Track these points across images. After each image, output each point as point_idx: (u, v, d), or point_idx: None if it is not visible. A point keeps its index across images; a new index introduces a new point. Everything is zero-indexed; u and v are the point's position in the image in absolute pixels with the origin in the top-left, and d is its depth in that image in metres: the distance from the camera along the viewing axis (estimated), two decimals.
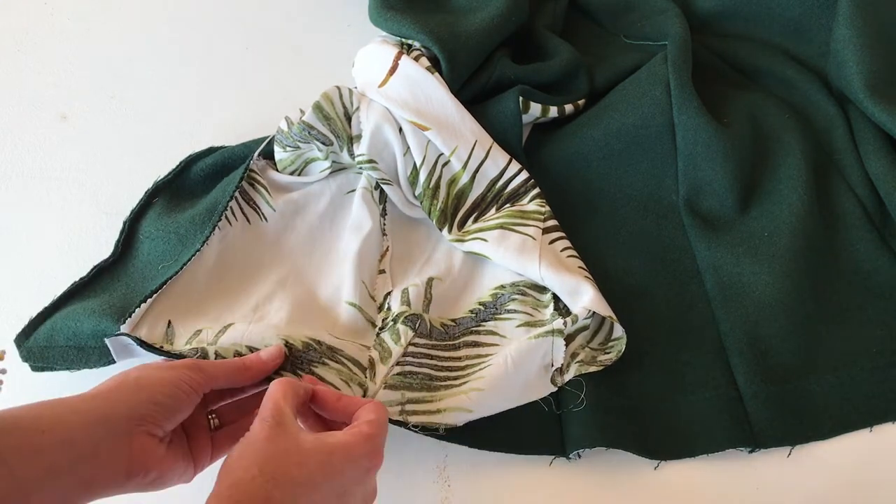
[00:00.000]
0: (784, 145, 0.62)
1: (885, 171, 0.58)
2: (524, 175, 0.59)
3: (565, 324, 0.50)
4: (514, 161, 0.59)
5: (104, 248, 0.55)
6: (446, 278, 0.56)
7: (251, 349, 0.47)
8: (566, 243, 0.56)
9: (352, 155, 0.58)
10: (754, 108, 0.64)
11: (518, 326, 0.53)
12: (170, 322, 0.50)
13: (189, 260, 0.52)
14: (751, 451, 0.50)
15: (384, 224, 0.58)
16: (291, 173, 0.60)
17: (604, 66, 0.66)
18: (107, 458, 0.35)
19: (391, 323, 0.52)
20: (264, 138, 0.60)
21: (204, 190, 0.59)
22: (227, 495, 0.33)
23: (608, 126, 0.61)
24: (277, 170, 0.60)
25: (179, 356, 0.46)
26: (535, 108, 0.61)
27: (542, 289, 0.54)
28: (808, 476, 0.49)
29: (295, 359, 0.47)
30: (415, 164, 0.57)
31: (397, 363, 0.50)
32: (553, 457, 0.49)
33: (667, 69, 0.61)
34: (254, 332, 0.48)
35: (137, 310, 0.48)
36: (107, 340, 0.47)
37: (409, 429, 0.47)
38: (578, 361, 0.51)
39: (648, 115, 0.60)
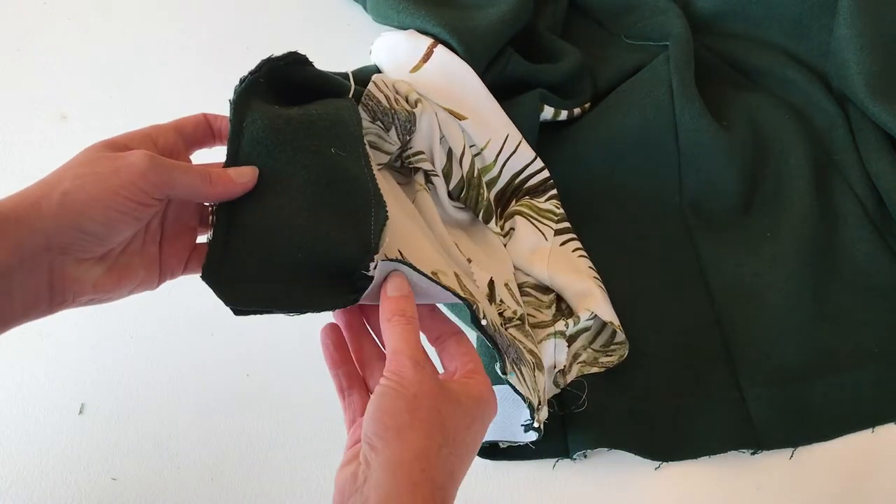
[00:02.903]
0: (785, 145, 0.62)
1: (885, 171, 0.59)
2: (546, 174, 0.58)
3: (566, 325, 0.50)
4: (538, 159, 0.58)
5: None
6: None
7: (493, 323, 0.42)
8: (577, 244, 0.56)
9: (402, 150, 0.53)
10: (754, 108, 0.64)
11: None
12: (400, 253, 0.40)
13: (371, 173, 0.40)
14: (753, 453, 0.50)
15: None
16: None
17: (605, 67, 0.66)
18: (21, 289, 0.29)
19: (519, 322, 0.49)
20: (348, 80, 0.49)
21: (301, 98, 0.44)
22: (420, 471, 0.29)
23: (610, 127, 0.61)
24: None
25: (456, 294, 0.38)
26: (547, 111, 0.61)
27: (545, 289, 0.54)
28: (809, 476, 0.49)
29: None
30: (449, 156, 0.54)
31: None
32: (557, 458, 0.50)
33: (669, 70, 0.61)
34: (489, 308, 0.45)
35: (381, 235, 0.37)
36: (380, 265, 0.36)
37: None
38: (580, 362, 0.51)
39: (650, 116, 0.60)
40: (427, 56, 0.55)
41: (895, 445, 0.50)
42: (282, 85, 0.43)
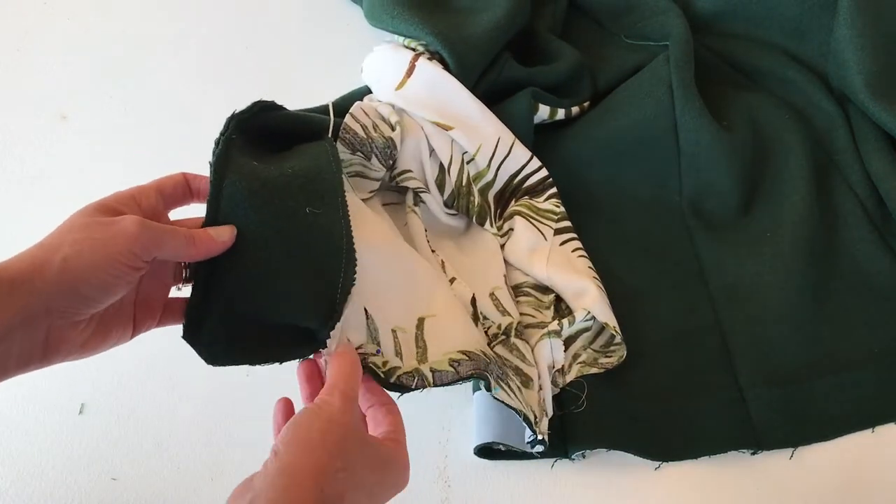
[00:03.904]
0: (785, 146, 0.62)
1: (885, 171, 0.59)
2: (544, 173, 0.58)
3: (560, 325, 0.50)
4: (534, 158, 0.58)
5: None
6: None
7: (467, 354, 0.44)
8: (578, 244, 0.56)
9: (390, 172, 0.54)
10: (754, 108, 0.64)
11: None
12: (366, 311, 0.44)
13: (347, 226, 0.41)
14: (753, 453, 0.50)
15: (428, 239, 0.54)
16: None
17: (605, 67, 0.66)
18: (19, 347, 0.32)
19: (503, 337, 0.50)
20: (327, 114, 0.50)
21: (278, 147, 0.46)
22: (314, 481, 0.30)
23: (610, 127, 0.61)
24: None
25: (402, 387, 0.42)
26: (543, 111, 0.61)
27: (545, 289, 0.54)
28: (809, 476, 0.49)
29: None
30: (441, 167, 0.55)
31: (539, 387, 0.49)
32: (556, 458, 0.49)
33: (669, 70, 0.61)
34: (469, 334, 0.46)
35: (345, 302, 0.39)
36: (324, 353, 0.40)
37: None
38: (580, 363, 0.51)
39: (651, 116, 0.60)
40: (410, 71, 0.56)
41: (895, 445, 0.50)
42: (258, 133, 0.44)
